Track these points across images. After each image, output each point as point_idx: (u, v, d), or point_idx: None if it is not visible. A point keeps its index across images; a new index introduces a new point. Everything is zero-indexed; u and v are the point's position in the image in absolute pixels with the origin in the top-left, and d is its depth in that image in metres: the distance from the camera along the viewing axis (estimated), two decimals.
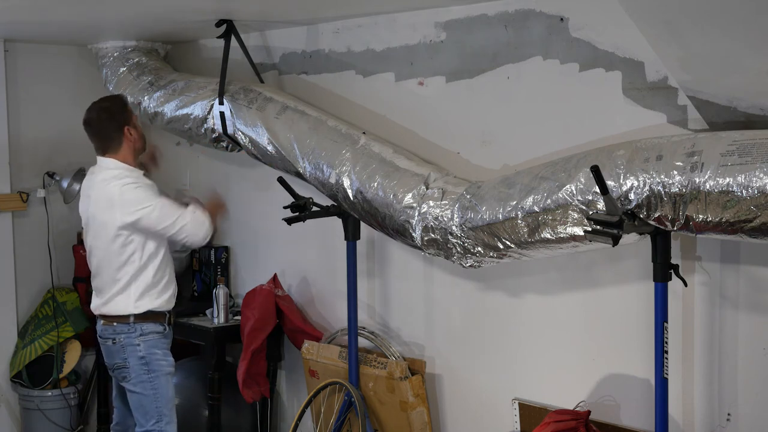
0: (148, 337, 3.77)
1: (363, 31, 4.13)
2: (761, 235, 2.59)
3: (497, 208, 3.22)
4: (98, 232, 3.79)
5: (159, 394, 3.77)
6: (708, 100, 2.92)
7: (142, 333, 3.76)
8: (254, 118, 4.11)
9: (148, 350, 3.77)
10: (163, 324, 3.84)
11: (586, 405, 3.40)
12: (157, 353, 3.79)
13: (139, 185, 3.76)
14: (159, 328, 3.82)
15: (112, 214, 3.71)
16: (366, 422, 3.90)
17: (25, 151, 5.01)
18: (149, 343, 3.77)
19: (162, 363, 3.80)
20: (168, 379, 3.83)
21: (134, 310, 3.75)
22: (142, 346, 3.76)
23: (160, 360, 3.80)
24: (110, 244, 3.75)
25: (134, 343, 3.76)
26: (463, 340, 3.91)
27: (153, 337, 3.79)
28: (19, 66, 4.98)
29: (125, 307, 3.76)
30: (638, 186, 2.79)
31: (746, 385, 3.07)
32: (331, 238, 4.32)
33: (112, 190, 3.72)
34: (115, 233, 3.72)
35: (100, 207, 3.77)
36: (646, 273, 3.10)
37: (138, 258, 3.76)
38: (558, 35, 3.41)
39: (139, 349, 3.75)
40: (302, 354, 4.34)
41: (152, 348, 3.78)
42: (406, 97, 3.99)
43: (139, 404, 3.80)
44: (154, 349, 3.78)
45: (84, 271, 5.14)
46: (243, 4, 3.89)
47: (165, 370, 3.81)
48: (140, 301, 3.76)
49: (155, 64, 4.81)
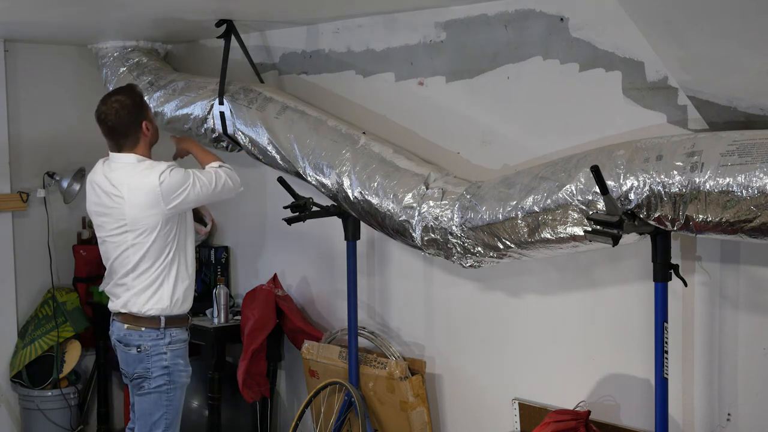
0: (175, 345, 3.58)
1: (363, 31, 4.13)
2: (761, 235, 2.59)
3: (497, 208, 3.22)
4: (138, 227, 3.53)
5: (172, 405, 3.59)
6: (708, 100, 2.92)
7: (171, 341, 3.56)
8: (254, 118, 4.11)
9: (173, 360, 3.57)
10: (188, 329, 3.66)
11: (586, 405, 3.40)
12: (180, 363, 3.59)
13: (172, 168, 3.57)
14: (184, 335, 3.63)
15: (158, 205, 3.51)
16: (366, 422, 3.90)
17: (25, 151, 5.01)
18: (176, 353, 3.58)
19: (182, 374, 3.61)
20: (184, 391, 3.64)
21: (169, 311, 3.55)
22: (169, 355, 3.56)
23: (182, 371, 3.60)
24: (151, 237, 3.52)
25: (161, 351, 3.55)
26: (463, 340, 3.91)
27: (179, 345, 3.60)
28: (19, 66, 4.98)
29: (160, 306, 3.56)
30: (638, 186, 2.79)
31: (746, 385, 3.07)
32: (331, 238, 4.33)
33: (150, 183, 3.51)
34: (161, 224, 3.52)
35: (140, 203, 3.52)
36: (646, 273, 3.10)
37: (172, 250, 3.58)
38: (558, 35, 3.41)
39: (165, 358, 3.55)
40: (302, 354, 4.34)
41: (177, 358, 3.58)
42: (406, 97, 3.99)
43: (147, 412, 3.60)
44: (179, 359, 3.59)
45: (84, 271, 5.15)
46: (243, 4, 3.89)
47: (183, 381, 3.63)
48: (174, 300, 3.58)
49: (155, 64, 4.81)
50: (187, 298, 3.67)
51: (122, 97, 3.62)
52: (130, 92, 3.67)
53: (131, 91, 3.69)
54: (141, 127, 3.62)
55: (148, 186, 3.52)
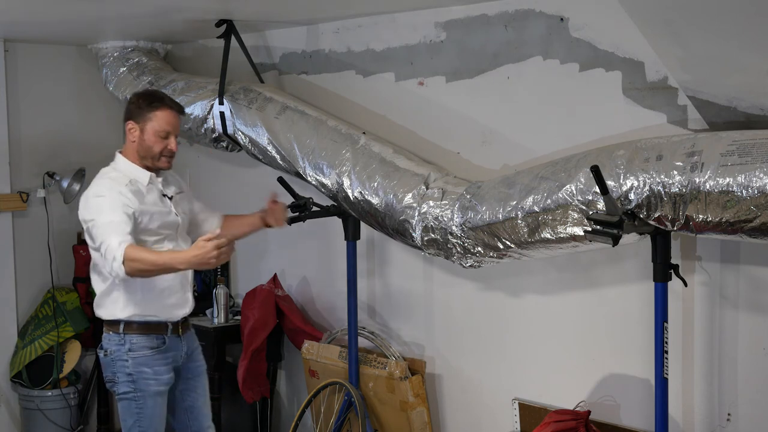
0: (137, 353, 3.36)
1: (363, 31, 4.12)
2: (761, 235, 2.59)
3: (497, 208, 3.22)
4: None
5: (143, 414, 3.38)
6: (708, 100, 2.92)
7: (131, 347, 3.37)
8: (254, 118, 4.11)
9: (136, 368, 3.37)
10: (162, 336, 3.41)
11: (586, 405, 3.40)
12: (146, 372, 3.37)
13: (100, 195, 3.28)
14: (151, 341, 3.38)
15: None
16: (366, 422, 3.90)
17: (25, 151, 5.01)
18: (137, 360, 3.37)
19: (150, 382, 3.38)
20: (157, 400, 3.41)
21: (126, 316, 3.36)
22: (131, 362, 3.36)
23: (148, 379, 3.38)
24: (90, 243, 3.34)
25: (123, 357, 3.37)
26: (464, 341, 3.91)
27: (143, 353, 3.37)
28: (19, 66, 4.98)
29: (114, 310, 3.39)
30: (638, 186, 2.79)
31: (746, 385, 3.07)
32: (331, 238, 4.33)
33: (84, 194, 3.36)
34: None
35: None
36: (646, 273, 3.10)
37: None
38: (558, 35, 3.41)
39: (126, 365, 3.37)
40: (302, 354, 4.34)
41: (140, 366, 3.37)
42: (406, 97, 3.99)
43: (122, 418, 3.44)
44: (143, 366, 3.37)
45: (84, 271, 5.14)
46: (243, 4, 3.88)
47: (152, 390, 3.39)
48: (131, 305, 3.36)
49: (155, 64, 4.81)
50: (155, 303, 3.37)
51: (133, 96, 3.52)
52: (137, 93, 3.59)
53: (138, 92, 3.59)
54: (125, 126, 3.43)
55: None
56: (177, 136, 3.44)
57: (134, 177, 3.38)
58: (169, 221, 3.44)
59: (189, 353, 3.56)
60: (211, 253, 3.02)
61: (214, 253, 3.02)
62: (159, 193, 3.44)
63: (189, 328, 3.58)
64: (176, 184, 3.58)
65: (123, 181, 3.34)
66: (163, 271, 3.17)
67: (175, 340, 3.47)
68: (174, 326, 3.46)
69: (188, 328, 3.57)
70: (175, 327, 3.46)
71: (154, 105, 3.38)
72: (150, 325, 3.40)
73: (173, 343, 3.47)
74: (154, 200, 3.40)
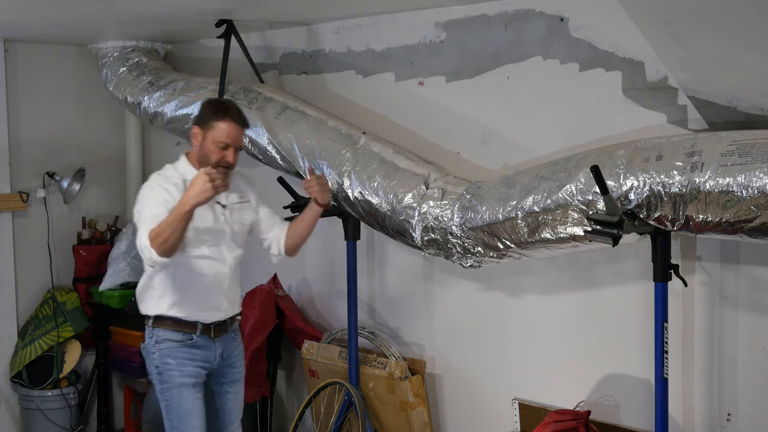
0: (162, 345, 3.43)
1: (363, 31, 4.13)
2: (761, 235, 2.59)
3: (497, 208, 3.22)
4: None
5: (170, 406, 3.46)
6: (708, 100, 2.93)
7: (157, 340, 3.44)
8: (254, 118, 4.11)
9: (162, 360, 3.44)
10: (186, 332, 3.44)
11: (586, 405, 3.40)
12: (170, 363, 3.44)
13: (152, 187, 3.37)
14: (176, 335, 3.44)
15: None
16: (366, 422, 3.90)
17: (25, 151, 5.01)
18: (163, 352, 3.44)
19: (174, 373, 3.44)
20: (183, 392, 3.44)
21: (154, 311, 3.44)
22: (157, 354, 3.44)
23: (172, 371, 3.44)
24: None
25: (151, 351, 3.46)
26: (463, 341, 3.91)
27: (167, 345, 3.43)
28: (19, 66, 4.98)
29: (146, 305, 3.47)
30: (638, 186, 2.79)
31: (746, 385, 3.07)
32: (331, 238, 4.33)
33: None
34: None
35: None
36: (646, 273, 3.10)
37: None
38: (558, 35, 3.41)
39: (155, 357, 3.45)
40: (302, 354, 4.34)
41: (165, 357, 3.43)
42: (406, 97, 3.99)
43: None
44: (167, 358, 3.43)
45: (84, 271, 5.15)
46: (243, 4, 3.88)
47: (177, 381, 3.44)
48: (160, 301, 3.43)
49: (155, 64, 4.81)
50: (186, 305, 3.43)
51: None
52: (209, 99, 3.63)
53: (210, 99, 3.62)
54: (191, 130, 3.46)
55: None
56: (239, 149, 3.41)
57: (189, 178, 3.35)
58: (214, 228, 3.43)
59: (225, 357, 3.55)
60: (204, 182, 3.08)
61: (207, 181, 3.07)
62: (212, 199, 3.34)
63: (226, 333, 3.54)
64: (239, 192, 3.55)
65: (176, 180, 3.38)
66: (178, 222, 3.12)
67: (206, 340, 3.47)
68: (205, 327, 3.46)
69: (225, 332, 3.53)
70: (206, 328, 3.46)
71: (219, 115, 3.37)
72: (180, 322, 3.44)
73: (204, 342, 3.47)
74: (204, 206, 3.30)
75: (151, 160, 5.38)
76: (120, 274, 4.94)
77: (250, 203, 3.57)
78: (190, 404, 3.45)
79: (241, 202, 3.53)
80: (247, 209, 3.56)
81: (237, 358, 3.61)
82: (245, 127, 3.45)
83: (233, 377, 3.61)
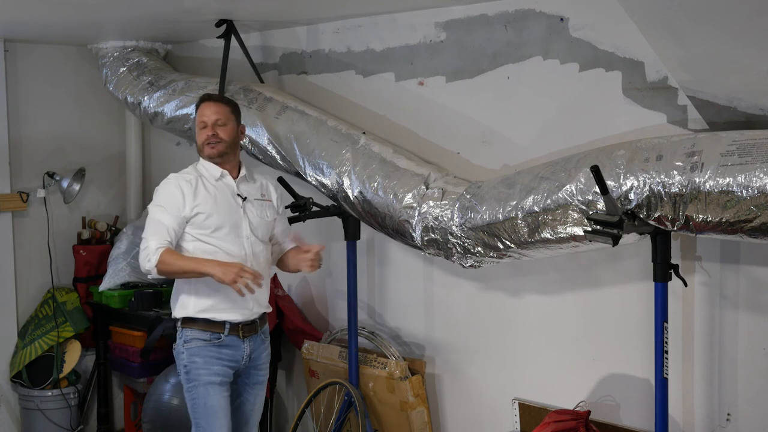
0: (190, 344, 3.46)
1: (363, 31, 4.13)
2: (761, 235, 2.59)
3: (497, 208, 3.22)
4: None
5: (195, 404, 3.46)
6: (708, 100, 2.93)
7: (186, 339, 3.47)
8: (254, 118, 4.11)
9: (189, 358, 3.46)
10: (214, 331, 3.46)
11: (586, 405, 3.40)
12: (197, 361, 3.45)
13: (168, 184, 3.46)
14: (204, 335, 3.46)
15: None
16: (366, 422, 3.90)
17: (25, 151, 5.01)
18: (191, 351, 3.46)
19: (201, 371, 3.45)
20: (209, 390, 3.44)
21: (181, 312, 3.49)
22: (185, 354, 3.47)
23: (200, 368, 3.45)
24: None
25: (181, 350, 3.50)
26: (463, 341, 3.91)
27: (195, 344, 3.46)
28: (19, 66, 4.98)
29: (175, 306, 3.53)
30: (638, 186, 2.79)
31: (746, 385, 3.07)
32: (331, 238, 4.33)
33: None
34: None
35: None
36: (646, 273, 3.10)
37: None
38: (558, 35, 3.41)
39: (183, 357, 3.48)
40: (302, 354, 4.34)
41: (192, 356, 3.45)
42: (406, 97, 3.99)
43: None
44: (194, 357, 3.45)
45: (84, 271, 5.15)
46: (243, 4, 3.88)
47: (204, 380, 3.45)
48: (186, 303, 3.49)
49: (155, 64, 4.81)
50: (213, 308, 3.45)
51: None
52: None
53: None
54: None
55: None
56: (220, 123, 3.49)
57: (205, 174, 3.50)
58: (231, 220, 3.46)
59: (253, 358, 3.56)
60: (234, 273, 3.24)
61: (236, 274, 3.24)
62: (231, 190, 3.49)
63: (256, 333, 3.55)
64: (262, 190, 3.62)
65: (190, 177, 3.46)
66: (190, 273, 3.33)
67: (234, 340, 3.48)
68: (232, 327, 3.47)
69: (254, 332, 3.55)
70: (233, 328, 3.47)
71: (198, 105, 3.56)
72: (208, 322, 3.47)
73: (232, 342, 3.48)
74: (221, 197, 3.45)
75: (151, 160, 5.38)
76: (120, 274, 4.93)
77: (271, 203, 3.63)
78: (216, 402, 3.45)
79: (262, 199, 3.60)
80: (268, 207, 3.61)
81: (264, 360, 3.63)
82: (219, 102, 3.55)
83: (258, 379, 3.63)
